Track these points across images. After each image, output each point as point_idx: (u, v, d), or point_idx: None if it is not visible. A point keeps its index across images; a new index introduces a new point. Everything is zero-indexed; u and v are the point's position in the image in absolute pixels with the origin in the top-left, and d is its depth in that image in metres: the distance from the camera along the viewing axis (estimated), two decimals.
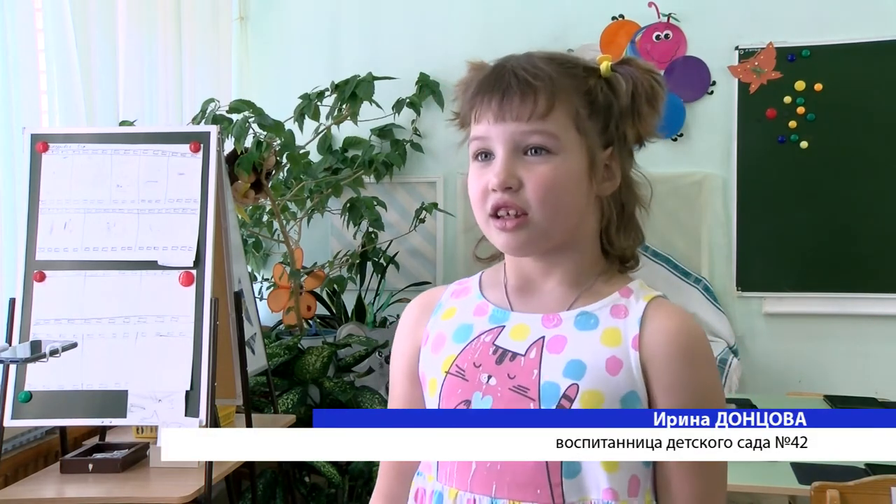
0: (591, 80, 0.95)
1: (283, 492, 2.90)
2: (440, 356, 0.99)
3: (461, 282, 1.07)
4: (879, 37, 3.40)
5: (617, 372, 0.92)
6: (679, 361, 0.92)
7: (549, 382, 0.92)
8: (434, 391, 0.98)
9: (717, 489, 0.95)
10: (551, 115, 0.91)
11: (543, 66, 0.93)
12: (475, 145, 0.95)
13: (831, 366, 3.48)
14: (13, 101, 2.51)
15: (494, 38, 3.67)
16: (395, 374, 1.07)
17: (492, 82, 0.94)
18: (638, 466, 0.93)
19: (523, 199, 0.91)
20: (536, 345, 0.95)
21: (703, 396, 0.92)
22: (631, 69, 0.96)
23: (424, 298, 1.08)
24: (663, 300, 0.98)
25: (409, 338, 1.05)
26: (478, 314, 1.01)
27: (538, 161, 0.91)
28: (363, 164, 3.68)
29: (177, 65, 3.39)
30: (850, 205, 3.45)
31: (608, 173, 0.96)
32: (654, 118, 0.97)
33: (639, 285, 0.99)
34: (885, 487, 1.86)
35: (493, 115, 0.92)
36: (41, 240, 2.26)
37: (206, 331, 2.20)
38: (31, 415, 2.18)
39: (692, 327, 0.95)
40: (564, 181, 0.92)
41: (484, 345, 0.97)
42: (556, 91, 0.92)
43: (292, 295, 3.38)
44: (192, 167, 2.31)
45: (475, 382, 0.95)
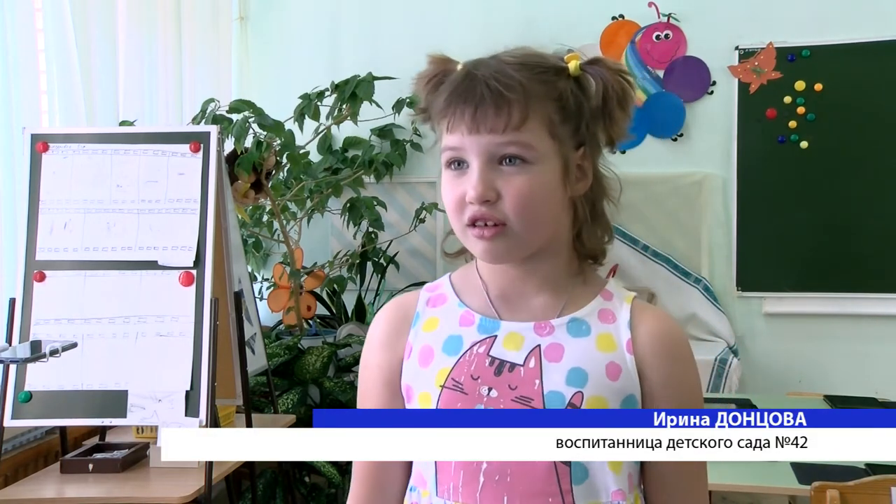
0: (561, 82, 0.94)
1: (283, 492, 2.90)
2: (430, 370, 0.97)
3: (431, 287, 1.04)
4: (879, 37, 3.40)
5: (617, 377, 0.93)
6: (668, 360, 0.96)
7: (552, 391, 0.92)
8: (427, 405, 0.96)
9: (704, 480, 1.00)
10: (526, 126, 0.90)
11: (515, 73, 0.91)
12: (448, 155, 0.94)
13: (831, 366, 3.48)
14: (13, 101, 2.51)
15: (494, 38, 3.64)
16: (372, 387, 1.02)
17: (463, 92, 0.92)
18: (631, 463, 0.95)
19: (501, 210, 0.91)
20: (534, 354, 0.94)
21: (689, 391, 0.97)
22: (600, 69, 0.95)
23: (397, 307, 1.04)
24: (641, 301, 1.00)
25: (386, 350, 1.01)
26: (464, 324, 0.99)
27: (515, 171, 0.91)
28: (363, 164, 3.68)
29: (177, 65, 3.39)
30: (850, 205, 3.45)
31: (581, 173, 0.96)
32: (625, 121, 0.96)
33: (615, 286, 1.01)
34: (885, 487, 1.86)
35: (466, 128, 0.91)
36: (41, 240, 2.26)
37: (206, 331, 2.20)
38: (31, 415, 2.18)
39: (676, 327, 1.00)
40: (541, 191, 0.91)
41: (479, 356, 0.95)
42: (529, 101, 0.90)
43: (292, 295, 3.38)
44: (192, 167, 2.31)
45: (475, 395, 0.94)
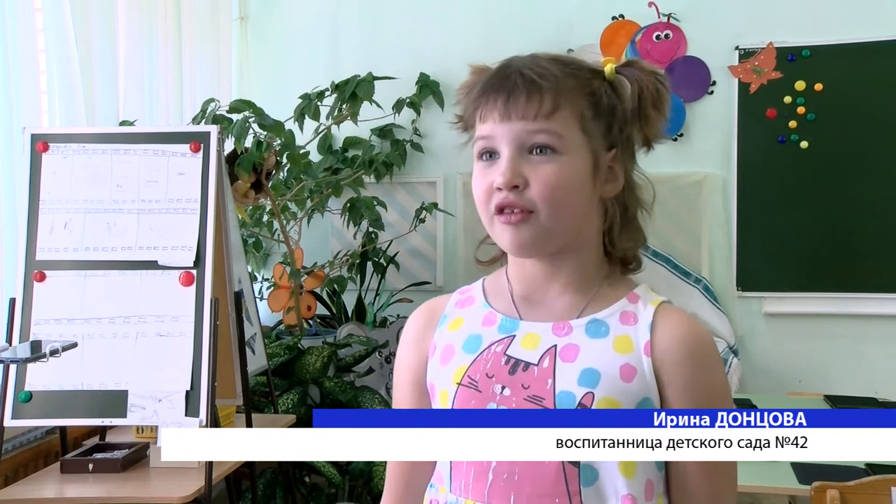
0: (596, 81, 0.95)
1: (283, 492, 2.91)
2: (450, 367, 0.99)
3: (463, 290, 1.07)
4: (879, 37, 3.40)
5: (631, 379, 0.92)
6: (690, 364, 0.93)
7: (564, 391, 0.92)
8: (446, 403, 0.98)
9: (731, 488, 0.97)
10: (557, 115, 0.91)
11: (548, 66, 0.93)
12: (480, 144, 0.95)
13: (831, 366, 3.48)
14: (13, 101, 2.51)
15: (494, 38, 3.67)
16: (401, 386, 1.06)
17: (497, 82, 0.94)
18: (652, 470, 0.93)
19: (528, 198, 0.91)
20: (549, 354, 0.94)
21: (713, 398, 0.93)
22: (635, 71, 0.96)
23: (428, 309, 1.07)
24: (669, 305, 0.98)
25: (414, 349, 1.05)
26: (486, 324, 1.00)
27: (543, 160, 0.91)
28: (363, 164, 3.68)
29: (177, 65, 3.39)
30: (850, 205, 3.45)
31: (611, 175, 0.96)
32: (660, 121, 0.97)
33: (644, 290, 0.99)
34: (885, 487, 1.86)
35: (498, 115, 0.92)
36: (41, 240, 2.26)
37: (206, 331, 2.20)
38: (31, 415, 2.18)
39: (700, 331, 0.97)
40: (569, 181, 0.92)
41: (495, 355, 0.96)
42: (561, 91, 0.92)
43: (292, 295, 3.38)
44: (192, 167, 2.31)
45: (488, 393, 0.95)
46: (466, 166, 0.99)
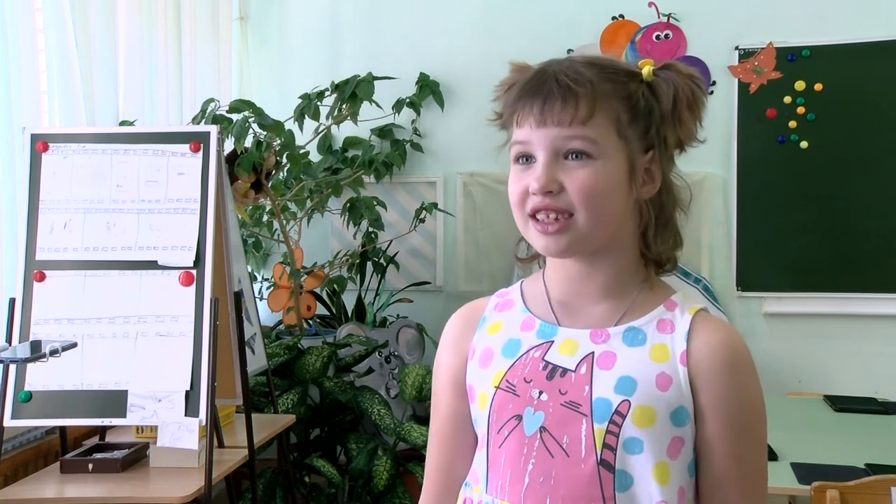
0: (632, 84, 0.96)
1: (283, 492, 2.91)
2: (489, 371, 1.00)
3: (502, 293, 1.08)
4: (879, 37, 3.40)
5: (667, 388, 0.92)
6: (724, 374, 0.93)
7: (600, 398, 0.93)
8: (484, 406, 0.99)
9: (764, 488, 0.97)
10: (592, 121, 0.92)
11: (584, 70, 0.93)
12: (516, 149, 0.96)
13: (831, 366, 3.48)
14: (13, 101, 2.50)
15: (494, 38, 3.67)
16: (441, 387, 1.07)
17: (534, 87, 0.94)
18: (683, 477, 0.94)
19: (565, 200, 0.92)
20: (586, 360, 0.95)
21: (746, 409, 0.94)
22: (672, 74, 0.98)
23: (467, 311, 1.08)
24: (706, 313, 0.98)
25: (454, 351, 1.06)
26: (525, 329, 1.01)
27: (578, 166, 0.92)
28: (363, 164, 3.68)
29: (177, 65, 3.39)
30: (850, 205, 3.45)
31: (648, 177, 0.97)
32: (694, 124, 0.98)
33: (682, 297, 1.00)
34: (885, 487, 1.86)
35: (534, 120, 0.93)
36: (41, 240, 2.26)
37: (206, 331, 2.20)
38: (31, 415, 2.18)
39: (737, 341, 0.96)
40: (604, 186, 0.92)
41: (534, 360, 0.98)
42: (597, 96, 0.92)
43: (292, 295, 3.38)
44: (192, 167, 2.31)
45: (526, 398, 0.96)
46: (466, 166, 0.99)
